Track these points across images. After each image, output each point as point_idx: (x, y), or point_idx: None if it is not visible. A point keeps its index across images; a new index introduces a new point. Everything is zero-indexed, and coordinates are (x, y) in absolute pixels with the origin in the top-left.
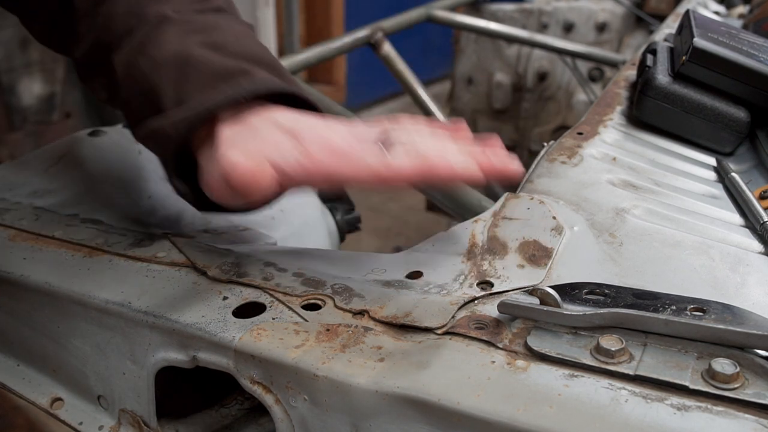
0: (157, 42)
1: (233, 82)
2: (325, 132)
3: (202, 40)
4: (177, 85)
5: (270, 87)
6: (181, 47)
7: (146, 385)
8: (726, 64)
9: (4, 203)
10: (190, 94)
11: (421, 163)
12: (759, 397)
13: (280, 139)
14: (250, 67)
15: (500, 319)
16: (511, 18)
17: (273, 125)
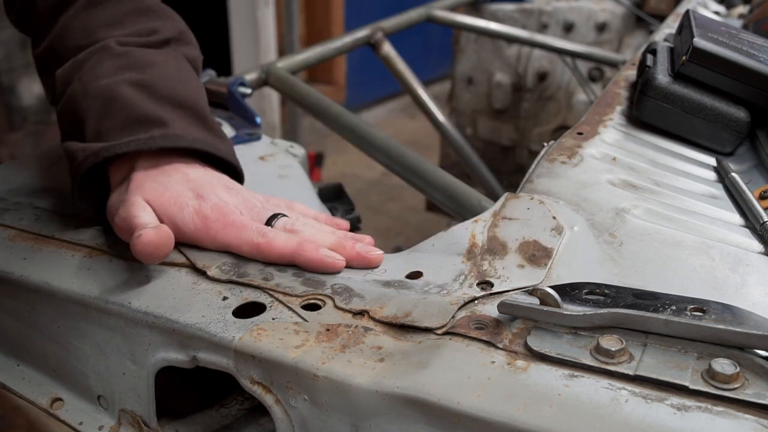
0: (93, 71)
1: (149, 130)
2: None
3: (133, 78)
4: (99, 119)
5: (180, 144)
6: (112, 83)
7: (146, 385)
8: (726, 64)
9: (4, 203)
10: (108, 133)
11: (293, 248)
12: (759, 397)
13: (184, 194)
14: (170, 117)
15: (500, 319)
16: (511, 18)
17: (183, 178)
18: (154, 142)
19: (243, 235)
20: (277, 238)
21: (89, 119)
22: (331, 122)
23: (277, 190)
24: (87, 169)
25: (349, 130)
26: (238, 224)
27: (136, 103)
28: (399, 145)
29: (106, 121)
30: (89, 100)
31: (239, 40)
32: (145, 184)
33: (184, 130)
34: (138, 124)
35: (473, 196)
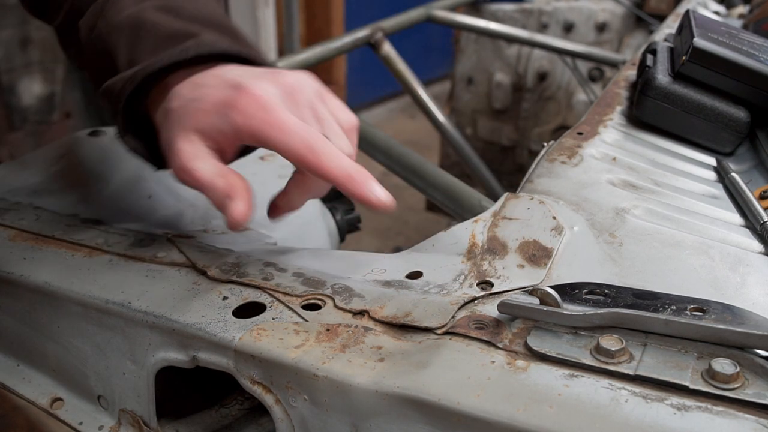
0: (116, 6)
1: (181, 43)
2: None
3: (156, 3)
4: (129, 47)
5: (214, 48)
6: (137, 11)
7: (146, 385)
8: (726, 64)
9: (4, 203)
10: (141, 56)
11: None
12: (759, 397)
13: (221, 95)
14: (199, 30)
15: (500, 319)
16: (511, 18)
17: (220, 81)
18: (187, 52)
19: (288, 141)
20: (326, 155)
21: (119, 51)
22: None
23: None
24: (127, 97)
25: None
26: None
27: (164, 24)
28: (399, 145)
29: (137, 48)
30: (116, 34)
31: None
32: (183, 112)
33: (216, 39)
34: (169, 41)
35: (473, 196)
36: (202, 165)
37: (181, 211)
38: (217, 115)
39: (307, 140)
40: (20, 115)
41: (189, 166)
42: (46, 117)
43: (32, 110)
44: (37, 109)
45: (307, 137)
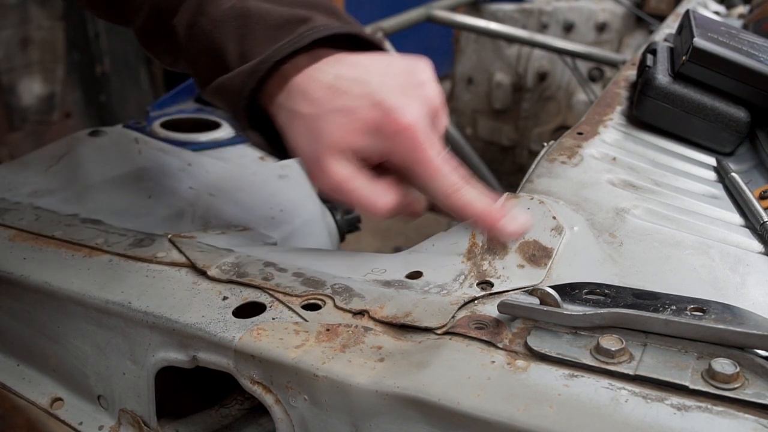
0: (214, 2)
1: (293, 31)
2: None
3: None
4: (239, 40)
5: (329, 32)
6: (239, 2)
7: (146, 385)
8: (726, 64)
9: (4, 203)
10: (253, 49)
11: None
12: (759, 397)
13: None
14: (308, 14)
15: (500, 319)
16: (511, 18)
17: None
18: (303, 39)
19: (432, 182)
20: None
21: (228, 46)
22: None
23: (277, 190)
24: (250, 93)
25: None
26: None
27: (271, 11)
28: None
29: (247, 40)
30: (222, 28)
31: None
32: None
33: (327, 22)
34: (281, 30)
35: None
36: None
37: (181, 211)
38: (369, 136)
39: (453, 185)
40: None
41: (346, 187)
42: (46, 117)
43: (32, 110)
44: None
45: (453, 183)
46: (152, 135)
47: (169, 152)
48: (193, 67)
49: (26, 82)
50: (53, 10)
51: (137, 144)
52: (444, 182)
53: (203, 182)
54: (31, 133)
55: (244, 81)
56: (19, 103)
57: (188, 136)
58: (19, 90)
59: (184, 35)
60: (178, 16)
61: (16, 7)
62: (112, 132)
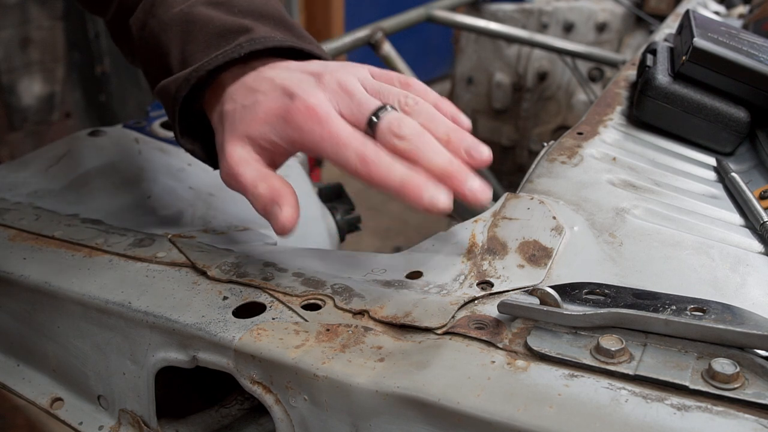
0: (165, 5)
1: (234, 40)
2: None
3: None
4: (181, 45)
5: (265, 44)
6: (187, 6)
7: (146, 385)
8: (726, 64)
9: (4, 203)
10: (194, 55)
11: (395, 184)
12: (759, 397)
13: (274, 104)
14: (252, 24)
15: (500, 319)
16: (511, 18)
17: (270, 86)
18: (241, 49)
19: (341, 155)
20: (379, 164)
21: (172, 49)
22: None
23: None
24: (183, 100)
25: None
26: (336, 138)
27: (215, 19)
28: None
29: (189, 46)
30: (167, 32)
31: None
32: (236, 118)
33: (269, 33)
34: (221, 38)
35: None
36: (247, 170)
37: (181, 211)
38: (270, 125)
39: (360, 153)
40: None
41: (234, 171)
42: (46, 117)
43: (32, 110)
44: (37, 109)
45: (360, 150)
46: (152, 135)
47: (169, 152)
48: (144, 68)
49: (26, 82)
50: (53, 10)
51: (137, 144)
52: (353, 153)
53: (203, 182)
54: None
55: (178, 87)
56: (19, 103)
57: None
58: (19, 90)
59: (136, 35)
60: (134, 15)
61: (16, 7)
62: (112, 132)
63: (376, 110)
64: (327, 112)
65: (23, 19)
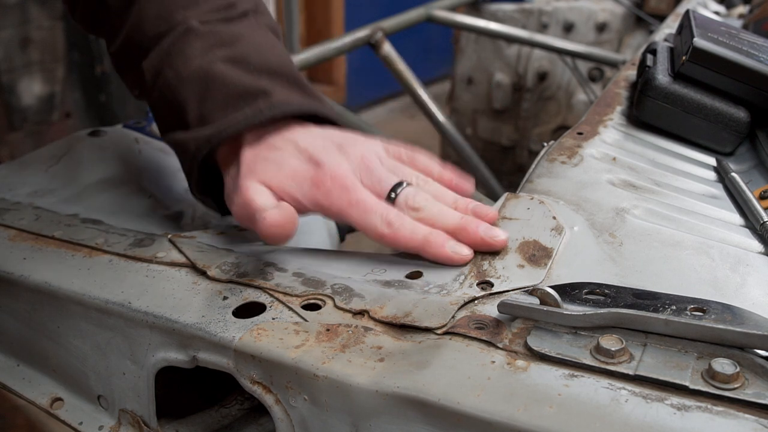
0: (183, 55)
1: (253, 103)
2: (343, 169)
3: (225, 54)
4: (200, 102)
5: (288, 110)
6: (205, 63)
7: (146, 385)
8: (726, 64)
9: (4, 203)
10: (212, 113)
11: (419, 242)
12: (759, 397)
13: (300, 168)
14: (269, 86)
15: (500, 319)
16: (511, 18)
17: (294, 149)
18: (262, 114)
19: (368, 220)
20: (402, 228)
21: (189, 105)
22: None
23: None
24: (202, 159)
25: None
26: (363, 206)
27: (234, 78)
28: None
29: (207, 103)
30: (186, 86)
31: None
32: (257, 166)
33: (287, 96)
34: (241, 99)
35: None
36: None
37: (181, 211)
38: (296, 183)
39: (386, 217)
40: (20, 115)
41: (248, 197)
42: (46, 117)
43: (32, 110)
44: (37, 109)
45: (385, 214)
46: (152, 135)
47: (169, 152)
48: (155, 112)
49: (26, 82)
50: (53, 10)
51: (137, 144)
52: (379, 217)
53: None
54: (31, 133)
55: (198, 146)
56: (19, 103)
57: None
58: (19, 90)
59: (150, 80)
60: (148, 60)
61: (16, 7)
62: (112, 132)
63: (394, 186)
64: (353, 182)
65: (23, 19)
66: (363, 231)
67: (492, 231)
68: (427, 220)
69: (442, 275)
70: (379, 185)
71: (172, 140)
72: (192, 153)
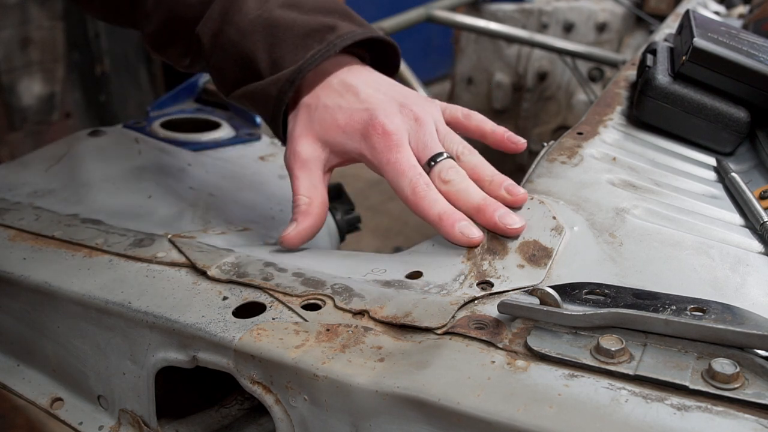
0: (240, 9)
1: (322, 38)
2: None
3: (279, 1)
4: (270, 49)
5: (354, 38)
6: (264, 12)
7: (146, 385)
8: (726, 64)
9: (4, 203)
10: (285, 56)
11: (434, 216)
12: (759, 397)
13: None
14: (332, 21)
15: (500, 319)
16: (511, 18)
17: (354, 97)
18: (335, 46)
19: (398, 181)
20: (424, 199)
21: (259, 54)
22: None
23: (277, 190)
24: (285, 94)
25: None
26: (398, 166)
27: (297, 20)
28: None
29: (277, 48)
30: (250, 37)
31: None
32: (315, 114)
33: (350, 27)
34: (309, 38)
35: None
36: (304, 177)
37: (181, 211)
38: (347, 135)
39: (414, 184)
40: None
41: (296, 167)
42: (46, 117)
43: (32, 110)
44: (37, 109)
45: (414, 181)
46: (152, 135)
47: (169, 152)
48: (218, 73)
49: (26, 82)
50: (53, 10)
51: (137, 144)
52: (407, 182)
53: (203, 182)
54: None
55: (282, 89)
56: (19, 103)
57: (188, 136)
58: (19, 90)
59: (208, 43)
60: (202, 25)
61: (16, 7)
62: (112, 132)
63: (435, 155)
64: (400, 140)
65: (23, 19)
66: (393, 190)
67: (508, 218)
68: (452, 194)
69: (442, 275)
70: (423, 150)
71: (247, 92)
72: (275, 97)
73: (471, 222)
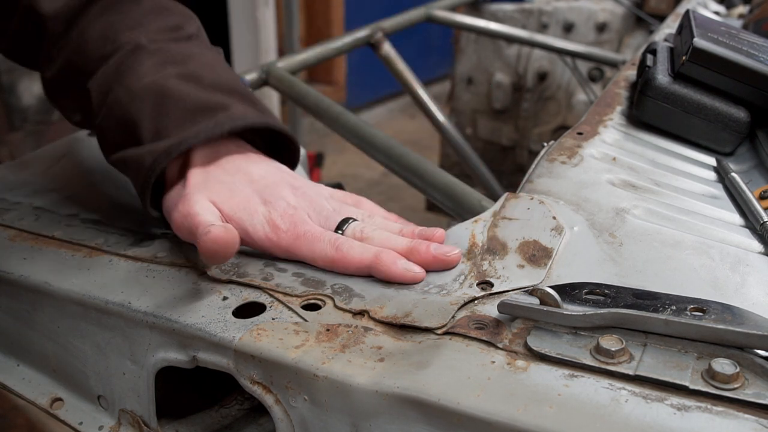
0: (134, 72)
1: (212, 116)
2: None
3: (177, 71)
4: (155, 117)
5: (247, 123)
6: (158, 79)
7: (146, 385)
8: (726, 64)
9: (4, 203)
10: (169, 127)
11: (370, 260)
12: (759, 397)
13: (252, 199)
14: (227, 100)
15: (500, 319)
16: (511, 18)
17: (246, 179)
18: (222, 126)
19: (316, 248)
20: (351, 250)
21: (143, 121)
22: (331, 122)
23: None
24: (160, 167)
25: (349, 130)
26: (310, 236)
27: (190, 94)
28: (399, 145)
29: (163, 119)
30: (138, 102)
31: (239, 41)
32: (209, 184)
33: (244, 111)
34: (199, 113)
35: (473, 196)
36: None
37: None
38: (247, 213)
39: (333, 241)
40: (20, 115)
41: (192, 210)
42: (46, 117)
43: (32, 110)
44: (37, 109)
45: (334, 240)
46: None
47: None
48: (101, 133)
49: (26, 82)
50: None
51: None
52: (327, 243)
53: None
54: (31, 133)
55: (156, 159)
56: (19, 103)
57: None
58: (19, 90)
59: (97, 99)
60: (95, 80)
61: None
62: None
63: (341, 222)
64: (302, 217)
65: None
66: (312, 262)
67: (443, 248)
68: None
69: (442, 275)
70: (326, 222)
71: (124, 157)
72: (148, 166)
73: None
